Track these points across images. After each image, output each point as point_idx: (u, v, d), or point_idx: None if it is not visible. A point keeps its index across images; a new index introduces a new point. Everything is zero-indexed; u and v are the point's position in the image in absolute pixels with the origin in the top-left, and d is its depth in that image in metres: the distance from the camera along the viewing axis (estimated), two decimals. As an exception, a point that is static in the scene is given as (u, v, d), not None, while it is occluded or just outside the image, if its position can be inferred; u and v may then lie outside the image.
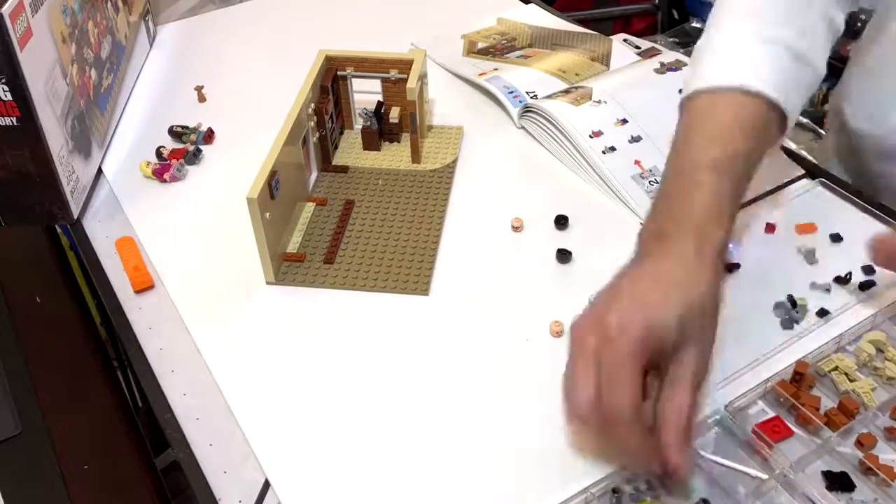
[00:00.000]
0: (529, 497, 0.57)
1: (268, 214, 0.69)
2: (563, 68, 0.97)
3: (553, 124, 0.86)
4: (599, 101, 0.86)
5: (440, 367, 0.66)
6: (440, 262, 0.76)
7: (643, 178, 0.81)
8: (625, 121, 0.85)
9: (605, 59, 0.99)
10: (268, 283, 0.73)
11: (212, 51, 1.07)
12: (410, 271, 0.74)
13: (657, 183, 0.81)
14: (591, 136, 0.83)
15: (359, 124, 0.90)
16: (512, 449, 0.60)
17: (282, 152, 0.72)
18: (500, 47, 1.03)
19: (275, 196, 0.71)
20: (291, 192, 0.77)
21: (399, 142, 0.90)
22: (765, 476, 0.57)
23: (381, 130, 0.88)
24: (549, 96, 0.90)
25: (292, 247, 0.77)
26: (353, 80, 0.88)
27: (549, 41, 1.04)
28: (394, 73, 0.86)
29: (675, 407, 0.52)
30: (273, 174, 0.70)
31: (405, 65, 0.85)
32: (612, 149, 0.82)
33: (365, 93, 0.89)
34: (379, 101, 0.89)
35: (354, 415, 0.63)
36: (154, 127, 0.94)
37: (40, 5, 0.75)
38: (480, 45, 1.05)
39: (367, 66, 0.87)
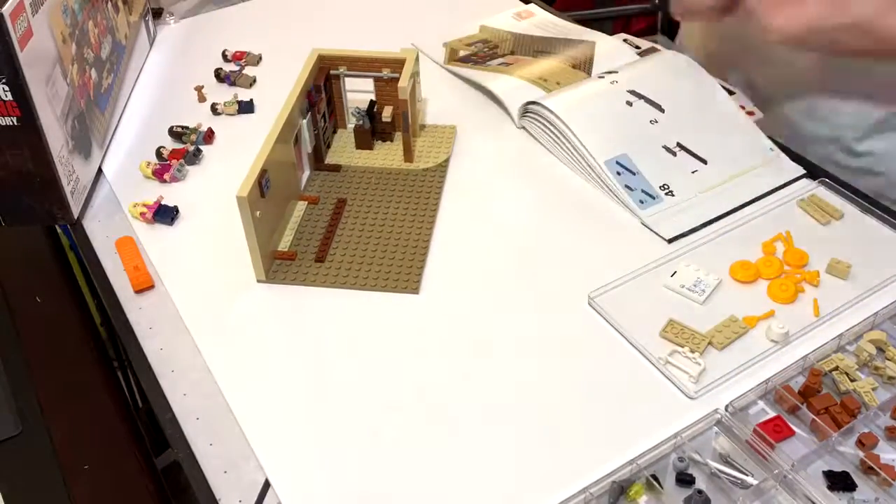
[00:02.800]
0: (529, 496, 0.57)
1: (258, 213, 0.69)
2: (545, 76, 0.96)
3: (555, 127, 0.85)
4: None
5: (437, 366, 0.66)
6: (431, 260, 0.75)
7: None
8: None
9: (587, 67, 0.97)
10: (258, 281, 0.73)
11: (212, 51, 1.07)
12: (401, 270, 0.74)
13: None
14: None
15: (351, 123, 0.90)
16: (510, 448, 0.60)
17: (273, 151, 0.72)
18: (482, 55, 1.03)
19: (265, 194, 0.71)
20: (283, 191, 0.77)
21: (392, 141, 0.90)
22: (754, 482, 0.57)
23: (373, 129, 0.88)
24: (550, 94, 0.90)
25: (283, 245, 0.77)
26: (346, 79, 0.88)
27: (531, 49, 1.03)
28: (386, 73, 0.86)
29: None
30: (263, 173, 0.70)
31: (398, 64, 0.85)
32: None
33: (357, 92, 0.89)
34: (371, 101, 0.89)
35: (354, 414, 0.63)
36: (154, 127, 0.94)
37: (41, 5, 0.75)
38: (462, 53, 1.04)
39: (360, 65, 0.87)
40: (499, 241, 0.78)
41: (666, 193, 0.79)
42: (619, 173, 0.80)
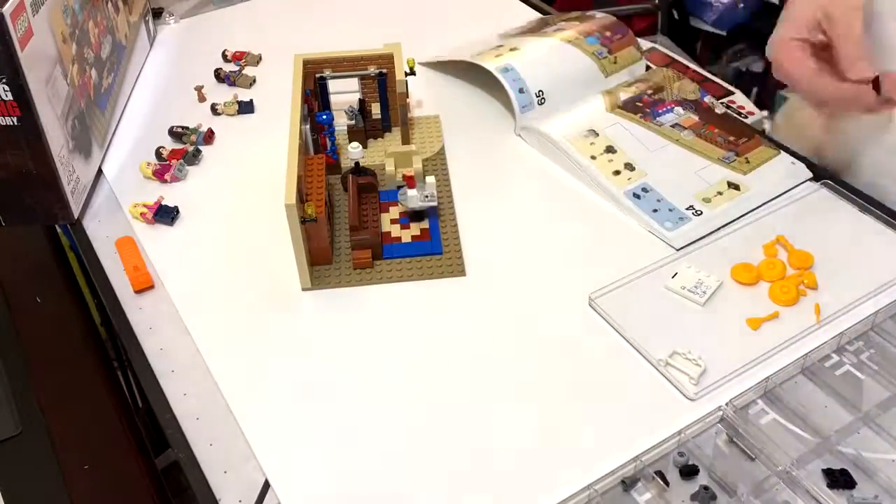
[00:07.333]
0: (532, 494, 0.57)
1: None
2: (592, 31, 0.94)
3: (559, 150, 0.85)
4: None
5: (436, 367, 0.66)
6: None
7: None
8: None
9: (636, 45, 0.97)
10: (304, 289, 0.73)
11: (212, 51, 1.07)
12: (442, 256, 0.75)
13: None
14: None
15: (340, 125, 0.90)
16: (512, 447, 0.60)
17: (299, 157, 0.72)
18: (533, 30, 1.01)
19: (304, 201, 0.71)
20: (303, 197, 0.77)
21: (382, 137, 0.90)
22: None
23: (366, 127, 0.88)
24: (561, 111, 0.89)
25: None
26: (330, 81, 0.88)
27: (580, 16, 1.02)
28: (372, 70, 0.86)
29: None
30: (300, 179, 0.70)
31: (383, 60, 0.85)
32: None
33: (343, 93, 0.89)
34: (360, 99, 0.89)
35: (354, 414, 0.63)
36: (154, 127, 0.94)
37: (41, 5, 0.75)
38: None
39: (345, 65, 0.87)
40: (498, 241, 0.78)
41: (694, 214, 0.78)
42: (637, 196, 0.80)
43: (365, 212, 0.77)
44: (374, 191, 0.80)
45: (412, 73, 0.86)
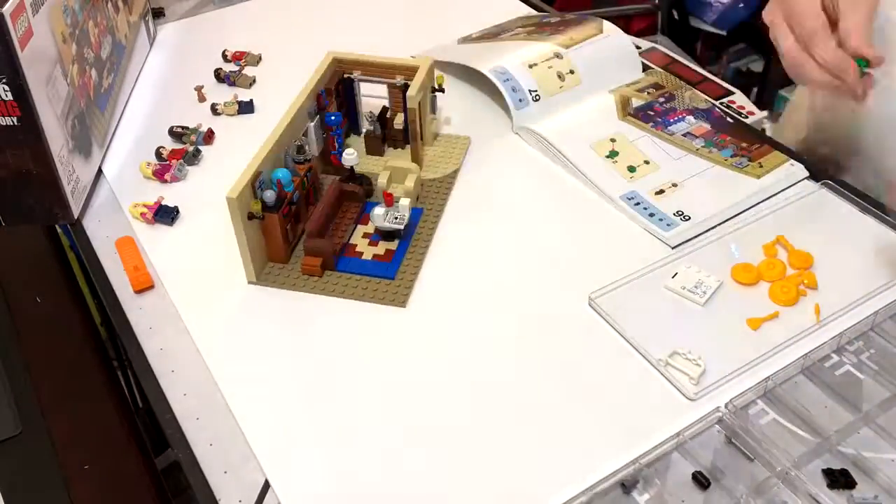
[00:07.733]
0: (531, 496, 0.57)
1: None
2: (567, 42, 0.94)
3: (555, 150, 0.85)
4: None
5: (438, 368, 0.66)
6: (432, 262, 0.75)
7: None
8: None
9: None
10: (249, 282, 0.73)
11: (212, 51, 1.07)
12: (392, 282, 0.73)
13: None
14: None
15: (364, 129, 0.89)
16: (512, 448, 0.60)
17: (270, 153, 0.71)
18: (493, 34, 1.01)
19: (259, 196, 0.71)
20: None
21: (403, 148, 0.88)
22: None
23: (384, 136, 0.88)
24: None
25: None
26: (361, 84, 0.87)
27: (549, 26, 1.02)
28: (400, 80, 0.85)
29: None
30: (257, 175, 0.70)
31: (411, 71, 0.84)
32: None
33: (373, 97, 0.88)
34: (384, 107, 0.88)
35: (354, 416, 0.63)
36: (154, 127, 0.94)
37: (41, 5, 0.75)
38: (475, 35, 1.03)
39: (374, 70, 0.86)
40: (500, 242, 0.78)
41: (682, 219, 0.78)
42: (637, 203, 0.80)
43: (337, 220, 0.76)
44: (360, 200, 0.80)
45: (440, 90, 0.84)
